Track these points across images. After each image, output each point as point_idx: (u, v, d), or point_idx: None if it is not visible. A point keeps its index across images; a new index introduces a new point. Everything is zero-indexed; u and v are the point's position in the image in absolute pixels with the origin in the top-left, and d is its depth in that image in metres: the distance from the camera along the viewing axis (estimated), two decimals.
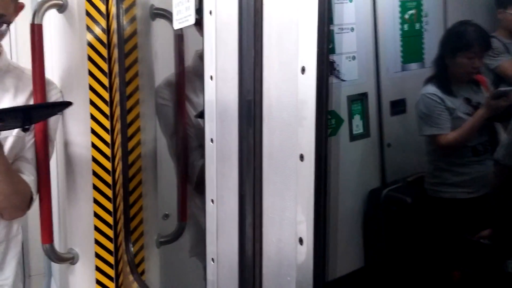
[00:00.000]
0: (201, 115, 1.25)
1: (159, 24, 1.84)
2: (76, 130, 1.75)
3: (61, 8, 1.68)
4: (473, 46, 1.89)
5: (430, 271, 2.00)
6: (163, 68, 1.92)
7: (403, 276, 2.11)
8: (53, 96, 1.66)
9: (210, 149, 1.13)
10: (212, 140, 1.12)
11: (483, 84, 2.09)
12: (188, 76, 1.86)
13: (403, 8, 2.69)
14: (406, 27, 2.70)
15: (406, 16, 2.70)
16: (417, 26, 2.73)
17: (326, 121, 0.79)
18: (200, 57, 1.78)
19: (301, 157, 0.82)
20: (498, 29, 2.22)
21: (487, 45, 1.94)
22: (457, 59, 1.92)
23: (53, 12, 1.70)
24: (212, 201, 1.14)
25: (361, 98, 2.54)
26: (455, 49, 1.92)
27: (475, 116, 1.90)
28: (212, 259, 1.15)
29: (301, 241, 0.84)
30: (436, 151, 2.06)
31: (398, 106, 2.66)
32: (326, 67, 0.76)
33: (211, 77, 1.08)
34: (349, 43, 2.50)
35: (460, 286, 1.89)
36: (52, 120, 1.65)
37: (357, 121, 2.50)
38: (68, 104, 1.55)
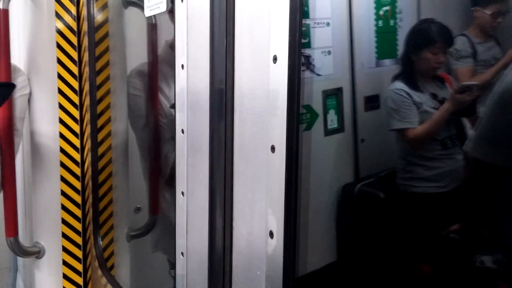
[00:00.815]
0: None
1: (133, 12, 1.80)
2: (43, 120, 1.69)
3: None
4: (437, 42, 1.97)
5: (401, 265, 2.01)
6: (136, 58, 1.88)
7: (375, 269, 2.13)
8: (20, 83, 1.61)
9: (180, 140, 1.10)
10: (182, 131, 1.09)
11: (448, 81, 2.15)
12: (160, 66, 1.82)
13: (378, 5, 2.69)
14: (380, 23, 2.71)
15: (381, 13, 2.71)
16: (392, 22, 2.74)
17: (298, 112, 0.77)
18: (171, 46, 1.74)
19: (273, 149, 0.81)
20: (471, 27, 2.25)
21: (449, 41, 2.02)
22: (422, 55, 1.99)
23: None
24: (182, 193, 1.11)
25: (336, 93, 2.54)
26: (420, 45, 1.99)
27: (441, 110, 1.96)
28: (182, 253, 1.13)
29: (271, 234, 0.82)
30: (406, 145, 2.09)
31: (372, 102, 2.66)
32: (298, 56, 0.75)
33: (182, 66, 1.05)
34: (324, 38, 2.50)
35: (430, 280, 1.91)
36: (18, 108, 1.59)
37: (332, 116, 2.50)
38: (10, 86, 1.48)
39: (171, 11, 1.22)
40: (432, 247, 1.92)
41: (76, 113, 1.66)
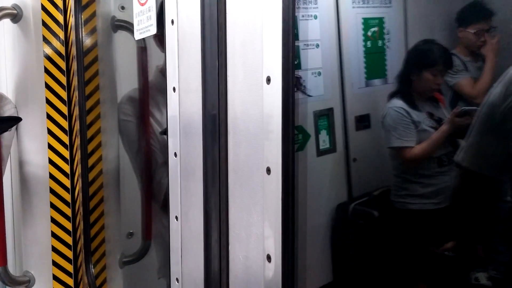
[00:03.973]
0: (166, 132, 1.20)
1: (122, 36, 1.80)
2: (32, 146, 1.66)
3: (15, 18, 1.61)
4: (438, 64, 1.99)
5: (397, 284, 1.99)
6: (126, 82, 1.87)
7: None
8: (7, 112, 1.58)
9: (173, 163, 1.09)
10: (175, 154, 1.08)
11: (441, 101, 2.17)
12: (151, 91, 1.81)
13: (366, 26, 2.73)
14: (369, 44, 2.75)
15: (369, 33, 2.74)
16: (380, 43, 2.77)
17: (293, 133, 0.77)
18: (161, 71, 1.74)
19: (268, 170, 0.80)
20: (458, 46, 2.29)
21: (449, 63, 2.04)
22: (422, 75, 2.00)
23: (6, 22, 1.62)
24: (176, 218, 1.09)
25: (327, 113, 2.55)
26: (421, 66, 2.00)
27: (439, 131, 1.98)
28: (177, 279, 1.10)
29: (269, 258, 0.80)
30: (402, 163, 2.09)
31: (363, 121, 2.68)
32: (292, 77, 0.74)
33: (174, 89, 1.04)
34: (314, 59, 2.52)
35: None
36: (5, 136, 1.56)
37: (324, 136, 2.51)
38: (17, 119, 1.47)
39: (156, 36, 1.22)
40: (427, 264, 1.90)
41: (65, 139, 1.64)
